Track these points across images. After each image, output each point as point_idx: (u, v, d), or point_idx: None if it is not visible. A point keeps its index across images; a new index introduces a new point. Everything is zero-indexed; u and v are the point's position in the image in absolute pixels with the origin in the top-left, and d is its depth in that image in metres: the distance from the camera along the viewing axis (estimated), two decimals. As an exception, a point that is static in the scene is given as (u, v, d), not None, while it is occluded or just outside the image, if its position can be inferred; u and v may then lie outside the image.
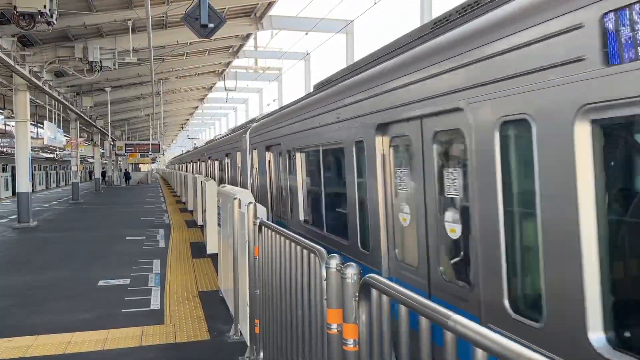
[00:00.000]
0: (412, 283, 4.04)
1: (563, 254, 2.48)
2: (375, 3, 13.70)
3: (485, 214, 3.03)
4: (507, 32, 2.83)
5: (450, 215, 3.59)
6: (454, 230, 3.55)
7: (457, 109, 3.29)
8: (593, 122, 2.38)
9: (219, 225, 7.79)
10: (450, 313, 1.62)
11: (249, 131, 11.75)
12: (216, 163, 13.93)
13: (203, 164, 16.32)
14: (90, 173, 64.48)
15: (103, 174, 50.04)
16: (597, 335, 2.30)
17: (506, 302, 2.87)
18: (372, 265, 4.67)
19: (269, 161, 9.59)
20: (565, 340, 2.44)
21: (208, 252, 10.63)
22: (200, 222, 14.90)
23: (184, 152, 46.50)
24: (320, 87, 7.32)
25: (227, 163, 12.94)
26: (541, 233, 2.62)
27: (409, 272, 4.17)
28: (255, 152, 11.04)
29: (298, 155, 7.45)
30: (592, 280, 2.36)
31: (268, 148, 9.52)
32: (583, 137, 2.40)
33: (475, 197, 3.13)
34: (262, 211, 4.87)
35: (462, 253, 3.53)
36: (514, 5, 2.93)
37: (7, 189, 32.59)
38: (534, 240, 2.70)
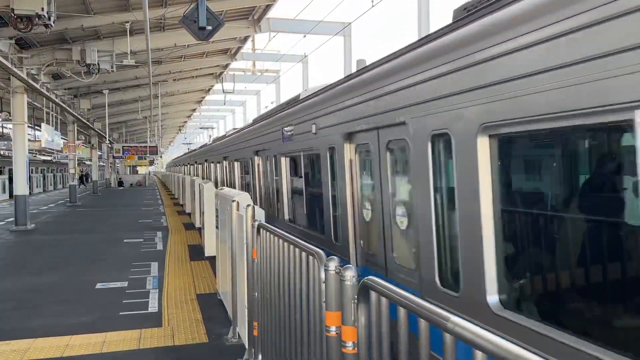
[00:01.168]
0: (374, 269, 4.87)
1: (471, 239, 3.22)
2: (373, 5, 13.73)
3: (421, 209, 3.85)
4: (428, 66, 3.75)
5: (400, 210, 4.41)
6: (403, 222, 4.37)
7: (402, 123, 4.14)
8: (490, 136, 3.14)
9: (217, 227, 7.78)
10: (449, 315, 1.62)
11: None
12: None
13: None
14: (87, 176, 64.44)
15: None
16: (492, 299, 3.08)
17: (437, 279, 3.69)
18: (342, 255, 5.51)
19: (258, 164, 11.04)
20: (472, 303, 3.22)
21: (206, 254, 10.62)
22: (198, 225, 14.89)
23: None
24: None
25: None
26: (458, 224, 3.35)
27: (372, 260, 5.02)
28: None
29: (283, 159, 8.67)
30: (490, 258, 3.11)
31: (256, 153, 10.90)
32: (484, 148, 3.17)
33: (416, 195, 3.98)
34: (260, 214, 4.86)
35: (408, 242, 4.31)
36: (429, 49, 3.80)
37: (4, 192, 32.51)
38: (454, 229, 3.44)
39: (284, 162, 8.47)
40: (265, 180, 9.99)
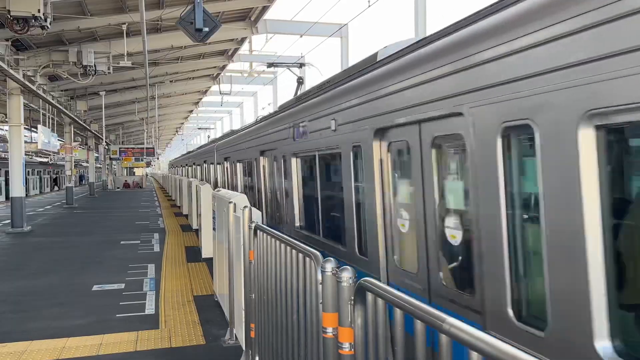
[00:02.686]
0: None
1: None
2: (369, 5, 13.75)
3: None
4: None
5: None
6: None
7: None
8: None
9: (214, 229, 7.77)
10: (445, 316, 1.63)
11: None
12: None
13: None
14: (81, 177, 64.32)
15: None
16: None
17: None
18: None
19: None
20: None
21: (203, 256, 10.61)
22: (195, 226, 14.87)
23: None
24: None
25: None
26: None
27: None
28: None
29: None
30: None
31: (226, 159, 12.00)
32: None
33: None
34: (257, 215, 4.86)
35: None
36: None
37: (0, 194, 32.41)
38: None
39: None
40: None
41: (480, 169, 2.98)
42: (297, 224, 7.22)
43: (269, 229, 3.96)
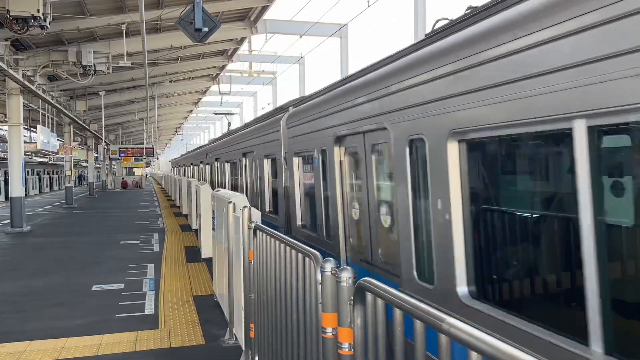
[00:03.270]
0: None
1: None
2: (369, 6, 13.75)
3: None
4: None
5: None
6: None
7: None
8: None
9: (213, 229, 7.77)
10: (444, 316, 1.63)
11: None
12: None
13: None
14: (80, 178, 64.31)
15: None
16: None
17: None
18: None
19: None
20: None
21: (203, 256, 10.61)
22: (194, 226, 14.87)
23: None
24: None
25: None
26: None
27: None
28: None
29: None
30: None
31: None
32: None
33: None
34: (256, 215, 4.86)
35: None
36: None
37: (-1, 194, 32.41)
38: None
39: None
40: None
41: (397, 170, 4.07)
42: (267, 209, 9.44)
43: (269, 229, 3.97)
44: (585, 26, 2.30)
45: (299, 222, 7.30)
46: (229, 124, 25.51)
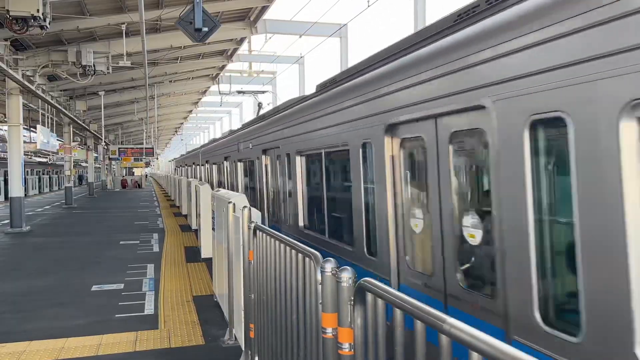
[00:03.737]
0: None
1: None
2: (368, 6, 13.75)
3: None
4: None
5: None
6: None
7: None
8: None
9: (213, 229, 7.77)
10: (445, 317, 1.62)
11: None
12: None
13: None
14: (80, 178, 64.31)
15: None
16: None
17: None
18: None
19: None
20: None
21: (202, 256, 10.60)
22: (194, 226, 14.86)
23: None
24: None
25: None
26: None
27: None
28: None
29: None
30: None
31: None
32: None
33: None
34: (256, 215, 4.86)
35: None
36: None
37: (-1, 194, 32.38)
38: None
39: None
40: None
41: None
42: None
43: (269, 229, 3.96)
44: None
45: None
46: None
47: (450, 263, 3.56)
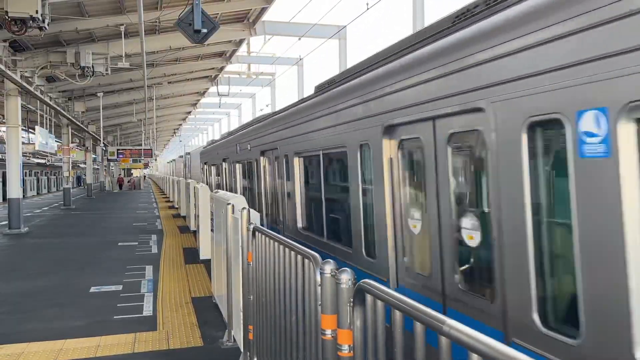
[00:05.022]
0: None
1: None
2: (367, 8, 13.77)
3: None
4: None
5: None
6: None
7: None
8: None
9: (212, 230, 7.76)
10: (445, 318, 1.62)
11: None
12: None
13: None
14: (78, 179, 64.29)
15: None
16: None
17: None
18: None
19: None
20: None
21: (201, 257, 10.58)
22: (193, 228, 14.84)
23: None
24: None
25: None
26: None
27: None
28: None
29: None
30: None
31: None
32: None
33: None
34: (255, 217, 4.85)
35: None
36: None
37: (-3, 195, 32.31)
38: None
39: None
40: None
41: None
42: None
43: (268, 230, 3.96)
44: None
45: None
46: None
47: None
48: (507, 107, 2.84)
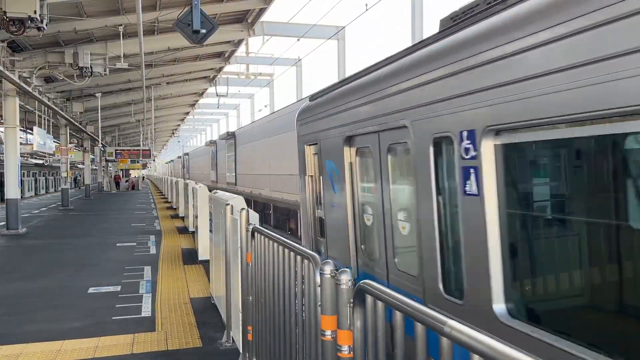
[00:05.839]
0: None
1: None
2: (366, 9, 13.78)
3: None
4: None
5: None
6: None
7: None
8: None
9: (210, 231, 7.75)
10: (445, 319, 1.62)
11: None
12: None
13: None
14: (75, 180, 64.17)
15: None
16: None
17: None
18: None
19: None
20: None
21: (200, 258, 10.58)
22: (191, 229, 14.83)
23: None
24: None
25: None
26: None
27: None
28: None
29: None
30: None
31: None
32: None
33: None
34: (254, 217, 4.85)
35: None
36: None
37: (-5, 196, 32.23)
38: None
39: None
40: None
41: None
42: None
43: (267, 231, 3.96)
44: None
45: None
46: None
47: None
48: (421, 126, 3.70)
